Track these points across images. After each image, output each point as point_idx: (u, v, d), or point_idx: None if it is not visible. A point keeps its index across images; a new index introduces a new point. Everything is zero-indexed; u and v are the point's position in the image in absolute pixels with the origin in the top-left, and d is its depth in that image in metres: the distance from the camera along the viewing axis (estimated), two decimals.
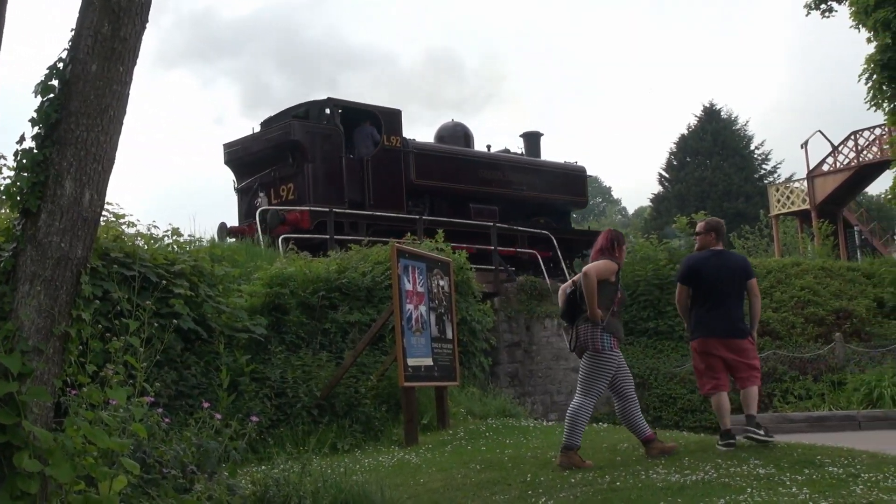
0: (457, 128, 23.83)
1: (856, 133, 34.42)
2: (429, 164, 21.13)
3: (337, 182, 19.32)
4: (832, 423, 16.25)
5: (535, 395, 21.87)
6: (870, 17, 22.74)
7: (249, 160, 19.82)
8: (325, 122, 19.72)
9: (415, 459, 9.06)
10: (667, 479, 6.71)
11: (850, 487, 6.18)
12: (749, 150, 58.73)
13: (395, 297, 10.61)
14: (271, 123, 20.49)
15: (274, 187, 19.44)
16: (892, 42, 22.25)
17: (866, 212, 43.29)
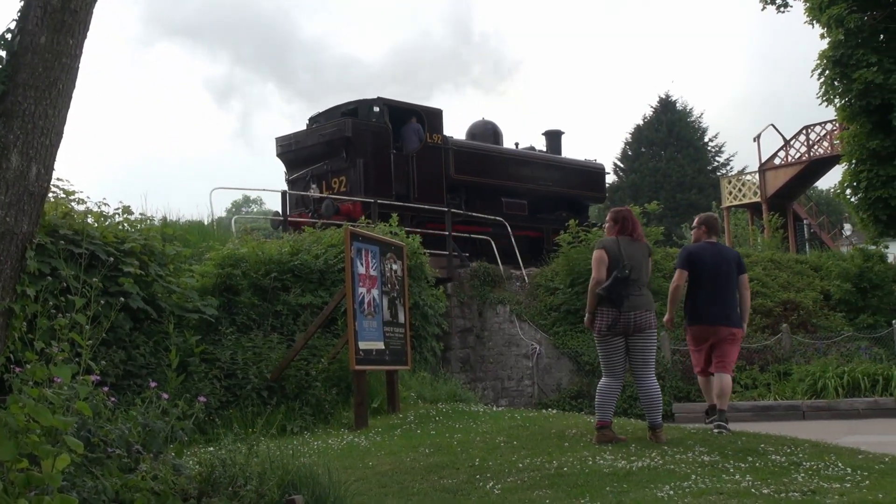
0: (487, 125, 25.26)
1: (807, 128, 34.88)
2: (466, 160, 22.58)
3: (385, 176, 20.70)
4: (777, 413, 16.50)
5: (486, 380, 21.97)
6: (823, 13, 23.04)
7: (303, 154, 21.16)
8: (375, 120, 20.98)
9: (364, 443, 9.05)
10: (613, 465, 6.78)
11: (791, 475, 6.29)
12: (703, 143, 59.31)
13: (347, 281, 10.58)
14: (320, 120, 21.94)
15: (326, 179, 20.82)
16: (844, 38, 22.57)
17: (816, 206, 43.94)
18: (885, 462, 6.96)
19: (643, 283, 8.23)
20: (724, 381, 8.96)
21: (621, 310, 8.08)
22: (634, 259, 8.18)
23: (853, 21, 22.42)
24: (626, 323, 8.09)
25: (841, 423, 15.25)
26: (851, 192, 23.98)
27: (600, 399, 8.12)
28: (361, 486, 6.74)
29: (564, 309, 21.52)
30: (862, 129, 23.11)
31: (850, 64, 22.49)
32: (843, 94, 23.18)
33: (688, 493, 5.79)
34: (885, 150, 22.33)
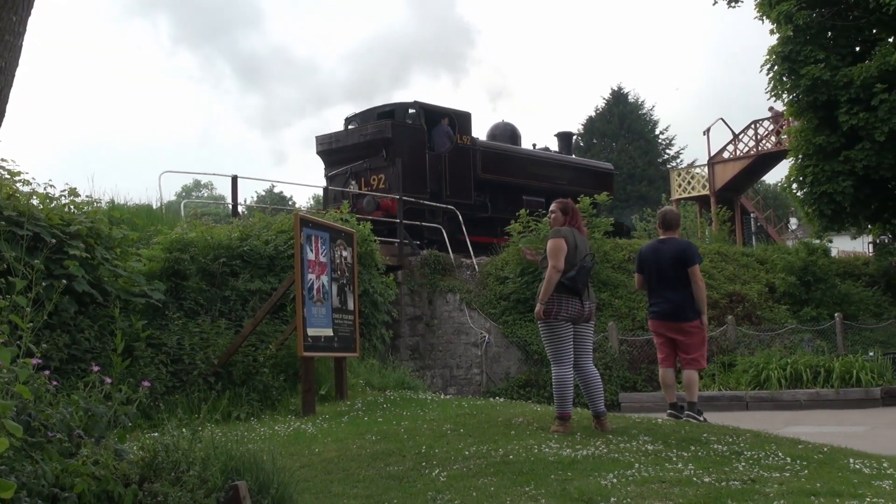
0: (507, 127, 26.81)
1: (756, 122, 35.33)
2: (491, 160, 23.98)
3: (421, 174, 22.24)
4: (721, 403, 16.72)
5: (435, 368, 22.01)
6: (773, 9, 23.33)
7: (342, 152, 22.53)
8: (411, 122, 22.54)
9: (311, 429, 9.03)
10: (559, 454, 6.83)
11: (732, 464, 6.39)
12: (654, 135, 59.82)
13: (296, 267, 10.54)
14: (356, 120, 23.61)
15: (364, 177, 22.38)
16: (793, 34, 22.86)
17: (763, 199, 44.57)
18: (824, 452, 7.10)
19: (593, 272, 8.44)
20: (687, 377, 9.38)
21: (582, 299, 8.20)
22: (584, 249, 8.34)
23: (802, 18, 22.73)
24: (578, 311, 8.22)
25: (783, 413, 15.51)
26: (797, 187, 24.32)
27: (559, 392, 8.13)
28: (307, 473, 6.73)
29: (514, 298, 21.61)
30: (809, 124, 23.45)
31: (799, 60, 22.79)
32: (791, 90, 23.49)
33: (631, 482, 5.86)
34: (831, 146, 22.67)
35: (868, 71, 21.58)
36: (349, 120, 23.95)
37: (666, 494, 5.51)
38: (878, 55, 21.86)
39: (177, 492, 4.08)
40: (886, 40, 22.99)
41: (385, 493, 5.96)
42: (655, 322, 9.47)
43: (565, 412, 8.12)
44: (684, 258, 9.25)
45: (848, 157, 22.34)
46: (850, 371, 16.95)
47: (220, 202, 31.53)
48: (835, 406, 16.26)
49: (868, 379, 16.80)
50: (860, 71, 21.75)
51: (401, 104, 23.44)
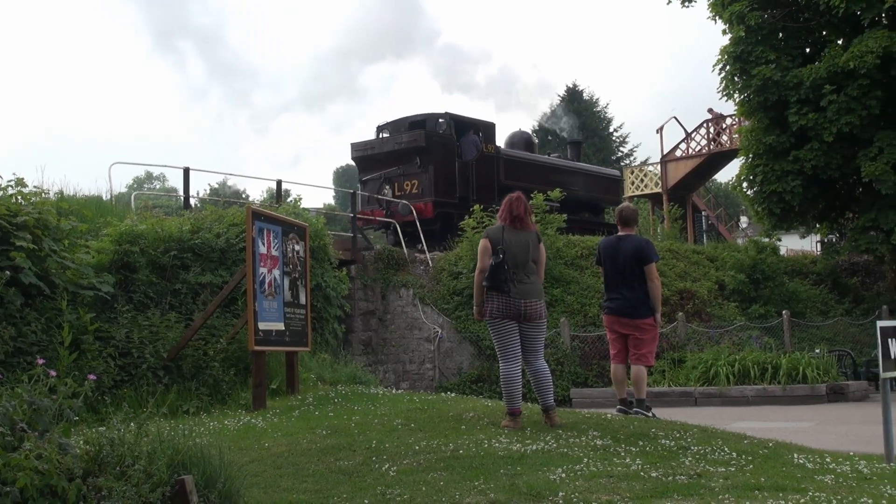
0: (523, 135, 29.00)
1: (708, 121, 35.67)
2: (513, 167, 25.73)
3: (451, 181, 23.82)
4: (671, 399, 16.91)
5: (387, 363, 22.00)
6: (726, 9, 23.57)
7: (376, 159, 24.22)
8: (442, 132, 24.24)
9: (261, 424, 8.99)
10: (508, 448, 6.86)
11: (679, 459, 6.46)
12: (608, 133, 60.19)
13: (248, 260, 10.46)
14: (387, 129, 25.34)
15: (398, 182, 24.02)
16: (745, 35, 23.12)
17: (714, 198, 45.03)
18: (769, 447, 7.20)
19: (530, 269, 8.20)
20: (635, 373, 9.42)
21: (510, 296, 8.12)
22: (515, 246, 8.17)
23: (754, 18, 23.00)
24: (516, 309, 8.14)
25: (731, 409, 15.72)
26: (748, 186, 24.62)
27: (507, 388, 8.16)
28: (256, 467, 6.70)
29: (467, 293, 21.63)
30: (759, 124, 23.74)
31: (750, 60, 23.06)
32: (742, 90, 23.76)
33: (579, 476, 5.90)
34: (781, 146, 22.97)
35: (817, 72, 21.90)
36: (381, 128, 25.58)
37: (614, 489, 5.56)
38: (827, 57, 22.19)
39: (122, 486, 4.04)
40: (835, 42, 23.34)
41: (335, 488, 5.95)
42: (609, 318, 9.54)
43: (514, 408, 8.14)
44: (641, 256, 9.31)
45: (797, 157, 22.65)
46: (797, 368, 17.22)
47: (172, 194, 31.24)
48: (781, 402, 16.51)
49: (814, 376, 17.09)
50: (810, 72, 22.06)
51: (432, 115, 25.05)
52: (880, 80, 21.35)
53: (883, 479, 5.94)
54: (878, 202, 22.10)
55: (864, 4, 21.53)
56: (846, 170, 22.73)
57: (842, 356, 19.45)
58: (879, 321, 7.51)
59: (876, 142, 21.65)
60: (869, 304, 24.12)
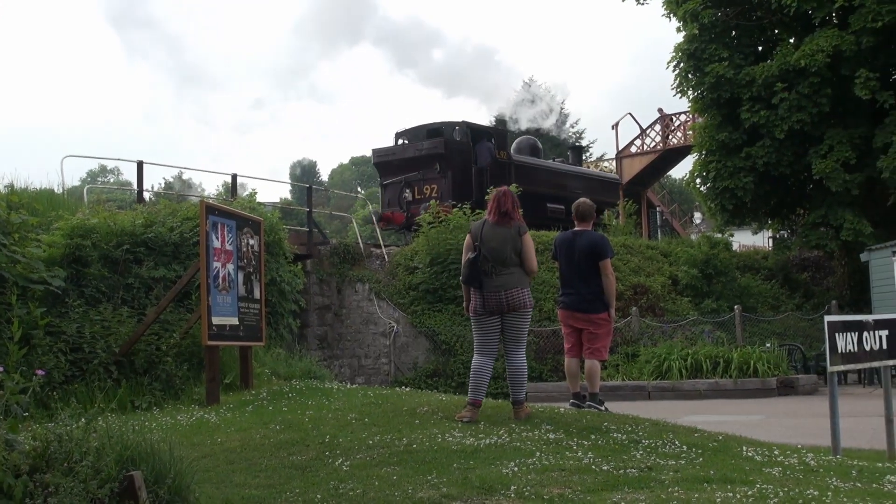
0: (529, 141, 30.26)
1: (660, 119, 35.99)
2: (524, 172, 26.67)
3: (468, 185, 24.96)
4: (624, 393, 17.06)
5: (343, 358, 21.96)
6: (680, 7, 23.79)
7: (397, 164, 25.44)
8: (460, 139, 25.53)
9: (214, 419, 8.94)
10: (462, 442, 6.88)
11: (630, 452, 6.52)
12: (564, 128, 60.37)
13: (202, 254, 10.39)
14: (406, 136, 26.77)
15: (418, 186, 25.19)
16: (698, 33, 23.36)
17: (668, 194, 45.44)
18: (719, 440, 7.29)
19: (510, 262, 8.23)
20: (588, 367, 9.44)
21: (484, 291, 8.17)
22: (494, 240, 8.24)
23: (707, 16, 23.24)
24: (496, 302, 8.18)
25: (684, 403, 15.89)
26: (701, 182, 24.89)
27: (475, 378, 8.22)
28: (209, 463, 6.66)
29: (423, 288, 21.67)
30: (712, 121, 24.00)
31: (704, 58, 23.31)
32: (696, 87, 24.00)
33: (532, 470, 5.93)
34: (733, 143, 23.24)
35: (769, 70, 22.18)
36: (399, 135, 27.04)
37: (565, 482, 5.60)
38: (779, 55, 22.48)
39: (69, 482, 4.00)
40: (787, 41, 23.68)
41: (287, 483, 5.93)
42: (564, 312, 9.57)
43: (476, 399, 8.19)
44: (596, 251, 9.35)
45: (749, 154, 22.94)
46: (748, 362, 17.45)
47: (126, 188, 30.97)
48: (733, 396, 16.72)
49: (765, 370, 17.32)
50: (762, 70, 22.35)
51: (449, 123, 26.59)
52: (830, 79, 21.68)
53: (829, 472, 6.04)
54: (828, 199, 22.44)
55: (814, 3, 21.85)
56: (797, 167, 23.07)
57: (792, 350, 19.73)
58: (827, 316, 7.63)
59: (826, 139, 21.99)
60: (819, 299, 24.47)
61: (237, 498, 5.58)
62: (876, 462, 6.87)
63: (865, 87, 20.83)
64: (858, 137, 21.95)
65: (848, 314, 18.71)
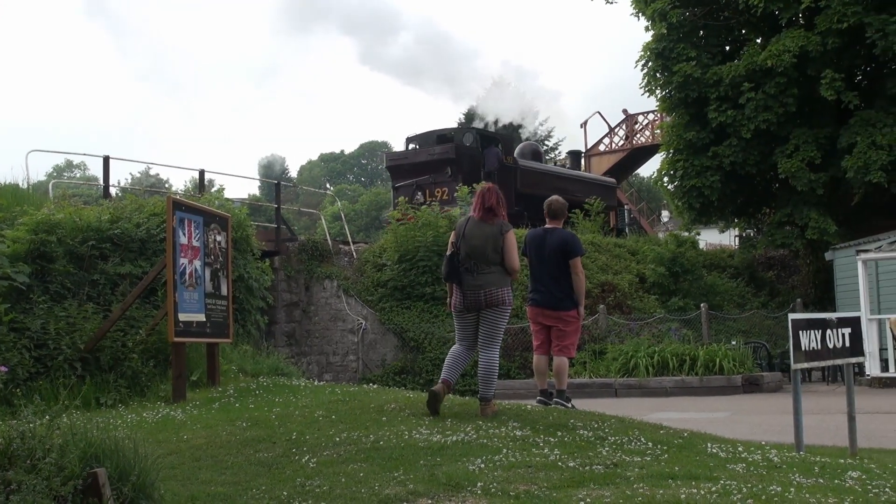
0: (532, 146, 31.95)
1: (631, 116, 36.17)
2: (528, 177, 28.07)
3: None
4: (591, 390, 17.13)
5: (311, 355, 21.91)
6: (649, 6, 23.93)
7: (408, 168, 26.48)
8: (469, 145, 26.54)
9: (180, 416, 8.89)
10: (429, 439, 6.89)
11: (597, 449, 6.56)
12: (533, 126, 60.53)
13: (168, 250, 10.33)
14: (416, 141, 27.93)
15: (429, 189, 26.09)
16: (667, 32, 23.50)
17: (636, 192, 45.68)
18: (684, 437, 7.35)
19: (491, 261, 8.28)
20: (557, 364, 9.54)
21: (463, 288, 8.28)
22: (476, 238, 8.31)
23: (675, 16, 23.39)
24: (475, 300, 8.27)
25: (650, 400, 15.99)
26: (668, 180, 25.05)
27: (449, 360, 8.44)
28: (174, 460, 6.63)
29: (392, 285, 21.65)
30: (680, 120, 24.16)
31: (672, 57, 23.47)
32: (663, 86, 24.15)
33: (498, 467, 5.95)
34: (701, 142, 23.41)
35: (736, 70, 22.36)
36: (410, 140, 28.26)
37: (532, 479, 5.63)
38: (746, 55, 22.67)
39: (32, 479, 3.96)
40: (754, 41, 23.87)
41: (253, 480, 5.92)
42: (534, 309, 9.61)
43: (446, 378, 8.32)
44: (566, 250, 9.41)
45: (716, 153, 23.12)
46: (714, 359, 17.58)
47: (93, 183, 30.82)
48: (699, 393, 16.85)
49: (730, 367, 17.46)
50: (729, 70, 22.52)
51: (459, 129, 28.95)
52: (797, 79, 21.89)
53: (792, 468, 6.10)
54: (793, 198, 22.66)
55: (781, 4, 22.05)
56: (763, 166, 23.28)
57: (757, 348, 19.91)
58: (791, 314, 7.71)
59: (792, 139, 22.20)
60: (784, 297, 24.71)
61: (203, 495, 5.56)
62: (838, 458, 6.94)
63: (831, 88, 21.05)
64: (824, 137, 22.18)
65: (813, 312, 18.93)
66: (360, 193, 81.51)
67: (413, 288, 21.37)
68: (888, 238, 19.77)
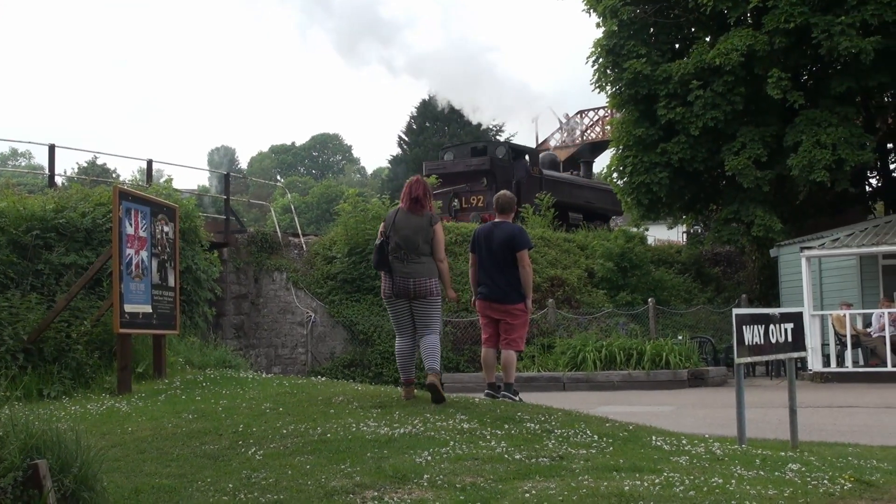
0: (551, 156, 34.47)
1: (582, 112, 36.39)
2: (551, 185, 30.14)
3: None
4: (540, 384, 17.25)
5: (259, 347, 21.79)
6: (600, 3, 24.06)
7: (447, 177, 28.01)
8: (502, 157, 29.20)
9: (125, 408, 8.80)
10: (376, 432, 6.89)
11: (543, 442, 6.61)
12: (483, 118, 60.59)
13: (114, 241, 10.21)
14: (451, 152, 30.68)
15: (465, 196, 28.40)
16: (617, 29, 23.65)
17: None
18: (629, 430, 7.43)
19: (421, 251, 8.51)
20: (505, 357, 9.61)
21: (393, 276, 8.50)
22: (406, 228, 8.52)
23: (626, 13, 23.53)
24: (403, 288, 8.49)
25: (597, 394, 16.13)
26: (618, 176, 25.20)
27: (400, 361, 8.78)
28: (119, 452, 6.56)
29: (341, 278, 21.60)
30: (629, 116, 24.34)
31: (622, 54, 23.61)
32: (614, 82, 24.31)
33: (445, 459, 5.97)
34: (650, 138, 23.60)
35: (685, 68, 22.57)
36: (444, 150, 31.48)
37: (478, 471, 5.65)
38: (695, 53, 22.88)
39: None
40: (703, 39, 24.11)
41: (199, 472, 5.88)
42: (482, 303, 9.65)
43: (407, 377, 8.68)
44: (513, 243, 9.44)
45: (665, 150, 23.32)
46: (661, 354, 17.79)
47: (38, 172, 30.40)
48: (645, 387, 17.04)
49: (676, 361, 17.68)
50: (678, 67, 22.72)
51: (492, 143, 32.31)
52: (744, 77, 22.15)
53: (734, 460, 6.20)
54: (740, 195, 22.94)
55: (730, 3, 22.28)
56: (711, 163, 23.54)
57: (703, 343, 20.17)
58: (735, 309, 7.82)
59: (739, 137, 22.47)
60: (730, 292, 25.03)
61: (147, 487, 5.52)
62: (779, 451, 7.07)
63: (777, 87, 21.33)
64: (770, 136, 22.46)
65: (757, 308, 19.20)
66: (310, 186, 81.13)
67: (363, 281, 21.33)
68: (831, 235, 20.12)
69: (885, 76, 21.61)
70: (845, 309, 18.64)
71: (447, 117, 57.52)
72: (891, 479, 5.81)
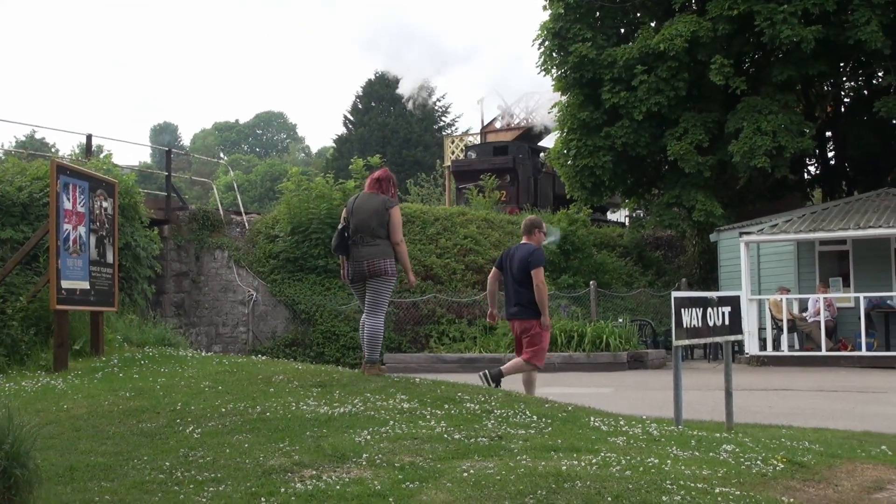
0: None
1: (527, 95, 36.47)
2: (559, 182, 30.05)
3: (527, 192, 31.33)
4: (481, 365, 17.18)
5: (200, 325, 21.60)
6: None
7: (472, 173, 30.91)
8: (522, 156, 31.62)
9: (61, 385, 8.67)
10: (316, 411, 6.87)
11: (482, 422, 6.65)
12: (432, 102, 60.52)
13: (51, 216, 10.02)
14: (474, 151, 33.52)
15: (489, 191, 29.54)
16: (564, 12, 23.72)
17: None
18: (568, 411, 7.50)
19: (377, 234, 8.77)
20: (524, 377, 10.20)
21: (349, 259, 8.82)
22: (364, 212, 8.80)
23: None
24: (358, 269, 8.79)
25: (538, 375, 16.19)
26: (562, 159, 25.34)
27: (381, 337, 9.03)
28: (53, 430, 6.47)
29: (284, 257, 21.46)
30: (574, 100, 24.45)
31: (568, 37, 23.70)
32: (559, 65, 24.39)
33: (384, 438, 5.98)
34: (594, 122, 23.75)
35: (630, 52, 22.73)
36: (469, 149, 34.38)
37: (417, 450, 5.67)
38: (640, 38, 23.07)
39: None
40: (648, 24, 24.31)
41: (136, 450, 5.83)
42: (510, 322, 10.28)
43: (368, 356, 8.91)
44: (527, 262, 9.79)
45: (609, 134, 23.49)
46: (601, 336, 17.96)
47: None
48: (585, 369, 17.20)
49: (616, 344, 17.86)
50: (623, 52, 22.87)
51: (512, 143, 33.43)
52: (688, 63, 22.37)
53: (671, 441, 6.30)
54: (681, 180, 23.21)
55: None
56: (654, 148, 23.78)
57: (643, 326, 20.40)
58: (675, 292, 7.92)
59: (681, 122, 22.71)
60: (670, 276, 25.34)
61: (82, 465, 5.46)
62: (714, 432, 7.19)
63: (720, 73, 21.59)
64: (712, 122, 22.75)
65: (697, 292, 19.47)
66: (254, 164, 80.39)
67: (305, 260, 21.21)
68: (770, 221, 20.46)
69: (824, 65, 21.99)
70: (782, 294, 18.98)
71: (394, 97, 57.32)
72: (822, 461, 5.95)
